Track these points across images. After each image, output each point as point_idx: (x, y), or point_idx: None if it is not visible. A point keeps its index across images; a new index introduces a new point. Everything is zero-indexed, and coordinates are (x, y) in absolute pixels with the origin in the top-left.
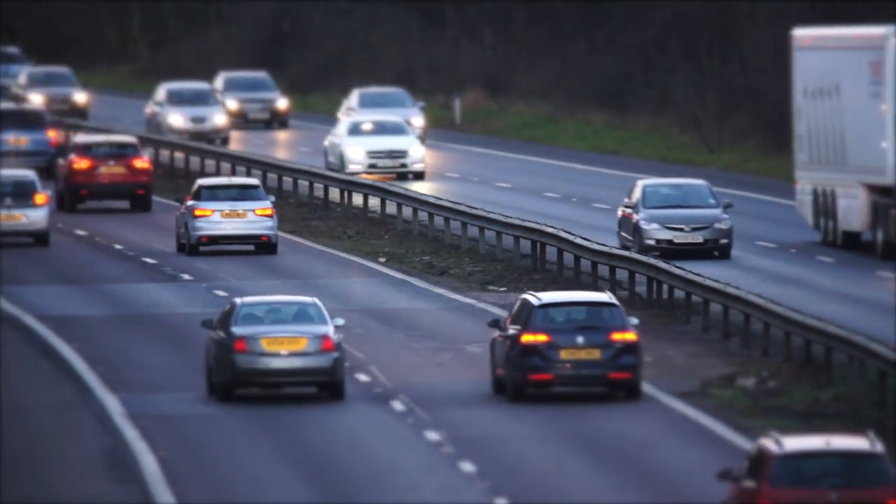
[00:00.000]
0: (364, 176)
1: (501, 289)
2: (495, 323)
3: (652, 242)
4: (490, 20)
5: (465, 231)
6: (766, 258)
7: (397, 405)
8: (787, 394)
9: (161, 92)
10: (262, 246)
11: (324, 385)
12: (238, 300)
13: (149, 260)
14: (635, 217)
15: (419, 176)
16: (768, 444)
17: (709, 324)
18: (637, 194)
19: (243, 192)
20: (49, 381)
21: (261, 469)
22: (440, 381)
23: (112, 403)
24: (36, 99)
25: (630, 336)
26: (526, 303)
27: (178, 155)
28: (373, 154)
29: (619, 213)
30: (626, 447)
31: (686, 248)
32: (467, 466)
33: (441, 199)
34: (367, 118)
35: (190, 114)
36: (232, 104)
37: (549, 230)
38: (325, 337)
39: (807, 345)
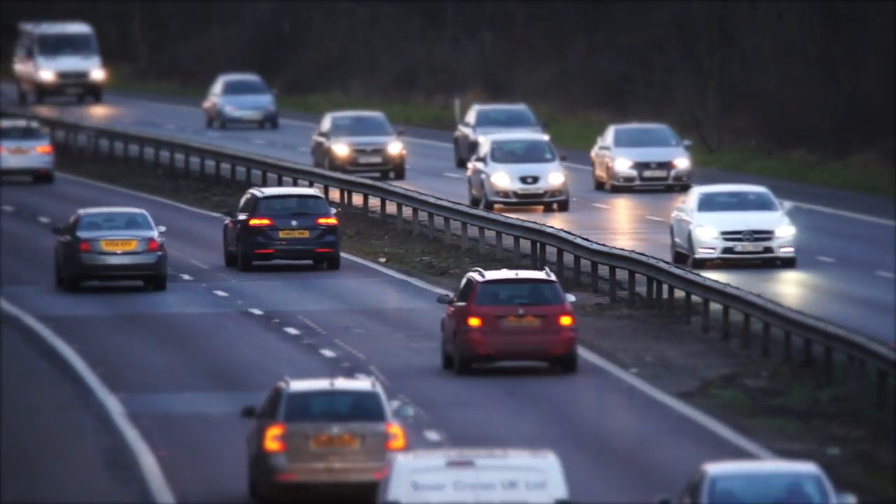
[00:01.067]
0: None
1: None
2: (228, 213)
3: None
4: (490, 20)
5: (465, 231)
6: None
7: (397, 405)
8: (787, 394)
9: (485, 146)
10: (41, 178)
11: (150, 278)
12: (81, 211)
13: None
14: None
15: (788, 263)
16: (474, 275)
17: (709, 324)
18: None
19: (26, 133)
20: (49, 382)
21: None
22: (440, 381)
23: (112, 403)
24: (341, 151)
25: (332, 221)
26: (252, 196)
27: (178, 156)
28: (729, 235)
29: None
30: (623, 444)
31: None
32: None
33: (441, 199)
34: (722, 188)
35: (518, 172)
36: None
37: (549, 230)
38: (151, 239)
39: (807, 345)
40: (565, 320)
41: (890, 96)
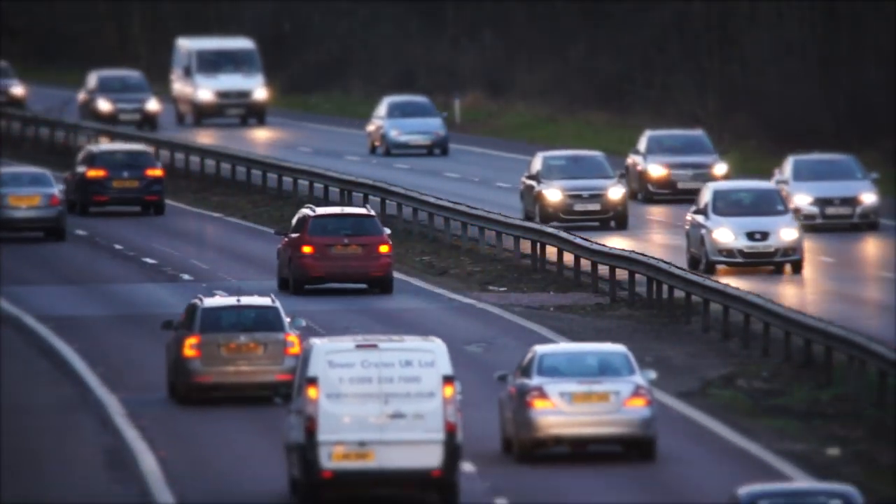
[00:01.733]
0: None
1: (501, 289)
2: (69, 169)
3: None
4: (490, 20)
5: (465, 231)
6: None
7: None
8: (787, 394)
9: (706, 194)
10: None
11: (51, 230)
12: None
13: (149, 260)
14: None
15: None
16: (307, 211)
17: (709, 324)
18: None
19: None
20: (49, 381)
21: (260, 469)
22: None
23: (112, 403)
24: (553, 196)
25: (158, 173)
26: (89, 151)
27: (179, 156)
28: None
29: None
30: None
31: None
32: (467, 466)
33: (441, 199)
34: None
35: (745, 227)
36: (659, 170)
37: (549, 230)
38: (52, 195)
39: (807, 345)
40: (384, 248)
41: (890, 96)
